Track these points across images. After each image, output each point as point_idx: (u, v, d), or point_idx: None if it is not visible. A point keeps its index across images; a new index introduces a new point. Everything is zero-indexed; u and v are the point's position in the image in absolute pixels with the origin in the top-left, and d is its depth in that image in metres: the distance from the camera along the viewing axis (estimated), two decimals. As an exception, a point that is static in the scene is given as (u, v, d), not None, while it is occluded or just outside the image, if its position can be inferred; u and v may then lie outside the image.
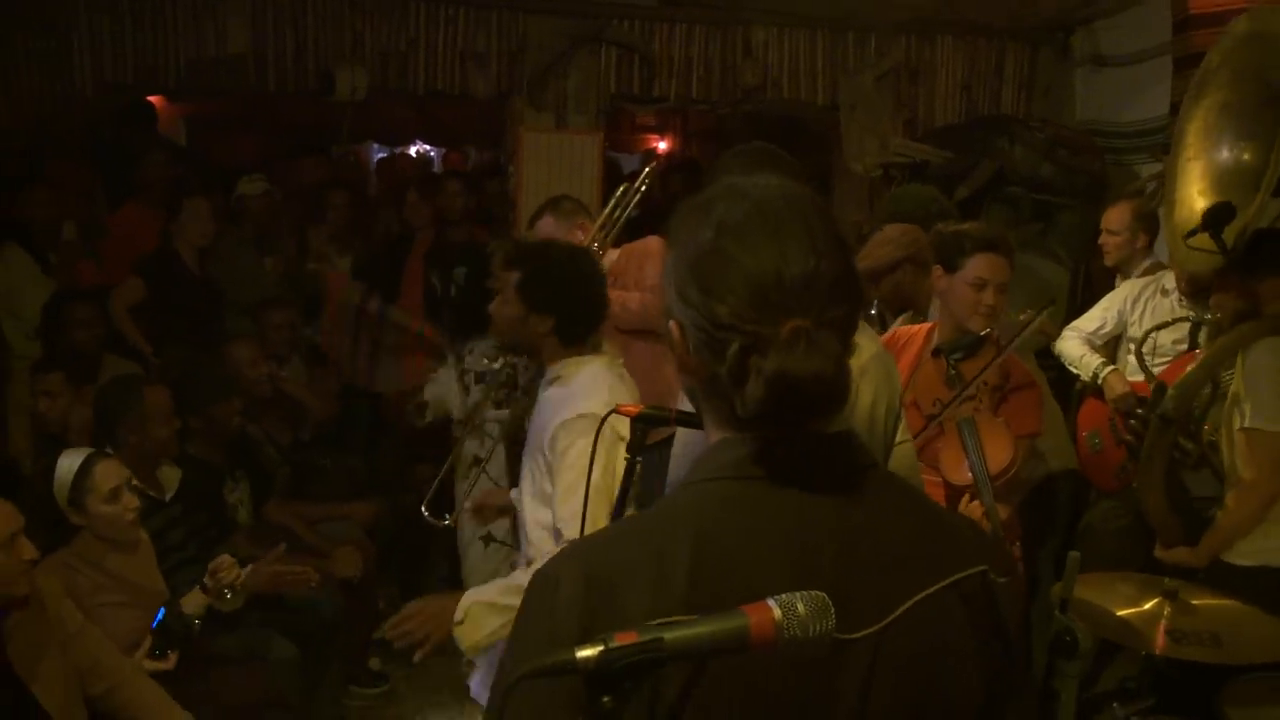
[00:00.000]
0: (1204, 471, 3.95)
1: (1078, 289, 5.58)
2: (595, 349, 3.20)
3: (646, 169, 4.72)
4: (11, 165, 5.81)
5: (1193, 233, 3.71)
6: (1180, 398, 3.70)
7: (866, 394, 2.50)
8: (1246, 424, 3.45)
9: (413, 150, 10.44)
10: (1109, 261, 4.99)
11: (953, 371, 3.43)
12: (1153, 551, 3.71)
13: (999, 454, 3.26)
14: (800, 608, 1.12)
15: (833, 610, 1.13)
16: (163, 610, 3.58)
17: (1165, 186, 4.23)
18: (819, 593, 1.13)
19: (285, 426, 5.37)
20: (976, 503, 3.22)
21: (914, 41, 6.31)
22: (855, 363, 2.48)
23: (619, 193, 4.65)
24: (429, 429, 5.49)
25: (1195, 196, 3.97)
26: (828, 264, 1.30)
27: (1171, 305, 4.56)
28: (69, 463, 3.41)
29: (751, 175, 2.16)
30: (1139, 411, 4.11)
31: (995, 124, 5.89)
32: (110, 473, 3.45)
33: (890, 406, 2.60)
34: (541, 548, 3.06)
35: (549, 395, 3.14)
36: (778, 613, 1.12)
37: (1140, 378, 4.44)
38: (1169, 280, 4.61)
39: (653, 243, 4.52)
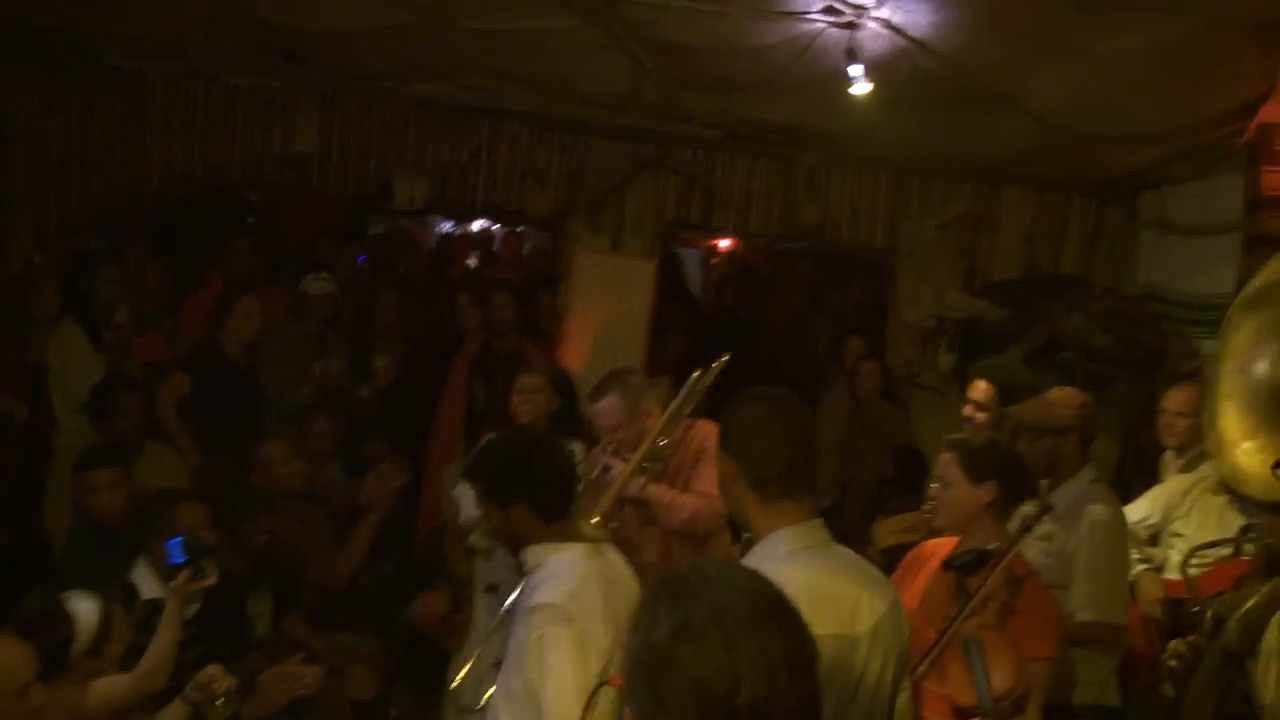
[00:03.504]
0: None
1: (1126, 464, 5.44)
2: (575, 532, 3.18)
3: (716, 364, 4.53)
4: (84, 244, 5.99)
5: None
6: (1245, 632, 3.55)
7: (876, 660, 2.46)
8: None
9: (475, 225, 10.50)
10: (1172, 443, 4.76)
11: (959, 586, 3.34)
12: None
13: (1002, 675, 3.12)
14: None
15: None
16: (176, 541, 3.77)
17: (1208, 392, 4.17)
18: None
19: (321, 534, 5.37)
20: None
21: (979, 190, 6.24)
22: (866, 625, 2.43)
23: (690, 382, 4.36)
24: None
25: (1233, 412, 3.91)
26: (781, 695, 1.30)
27: (1220, 507, 4.36)
28: (88, 612, 3.43)
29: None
30: (1190, 639, 3.97)
31: (1054, 288, 5.80)
32: (127, 628, 3.52)
33: (900, 660, 2.56)
34: None
35: (526, 586, 3.11)
36: None
37: (1175, 575, 4.29)
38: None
39: (710, 437, 4.40)
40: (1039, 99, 5.11)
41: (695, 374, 4.45)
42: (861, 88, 4.55)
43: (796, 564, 2.41)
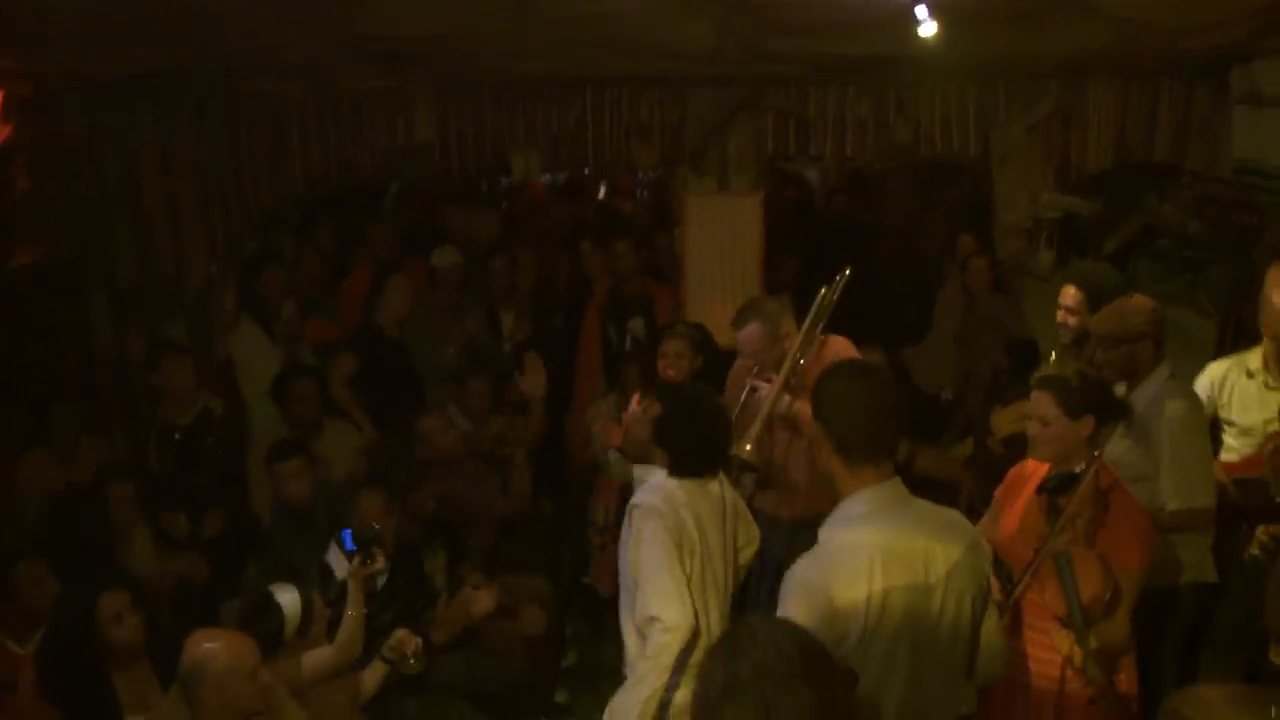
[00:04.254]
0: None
1: (1226, 343, 5.66)
2: None
3: (839, 279, 4.92)
4: (248, 249, 6.72)
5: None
6: None
7: (952, 601, 2.80)
8: None
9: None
10: (1270, 333, 4.80)
11: (1051, 506, 3.71)
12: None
13: (1088, 586, 3.49)
14: None
15: None
16: (347, 533, 4.50)
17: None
18: None
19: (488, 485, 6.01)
20: (1070, 632, 3.54)
21: (1065, 87, 6.35)
22: (939, 572, 2.77)
23: (818, 299, 4.86)
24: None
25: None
26: None
27: (1258, 388, 4.64)
28: (291, 602, 4.13)
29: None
30: (1273, 530, 4.27)
31: (1147, 176, 5.94)
32: (325, 608, 4.21)
33: (978, 596, 2.91)
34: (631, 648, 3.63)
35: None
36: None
37: (1235, 457, 4.62)
38: (1252, 360, 4.69)
39: (843, 351, 4.87)
40: (1111, 3, 5.24)
41: (822, 290, 4.89)
42: (928, 29, 4.79)
43: (870, 524, 2.78)
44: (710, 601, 3.65)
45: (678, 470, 3.71)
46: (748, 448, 4.51)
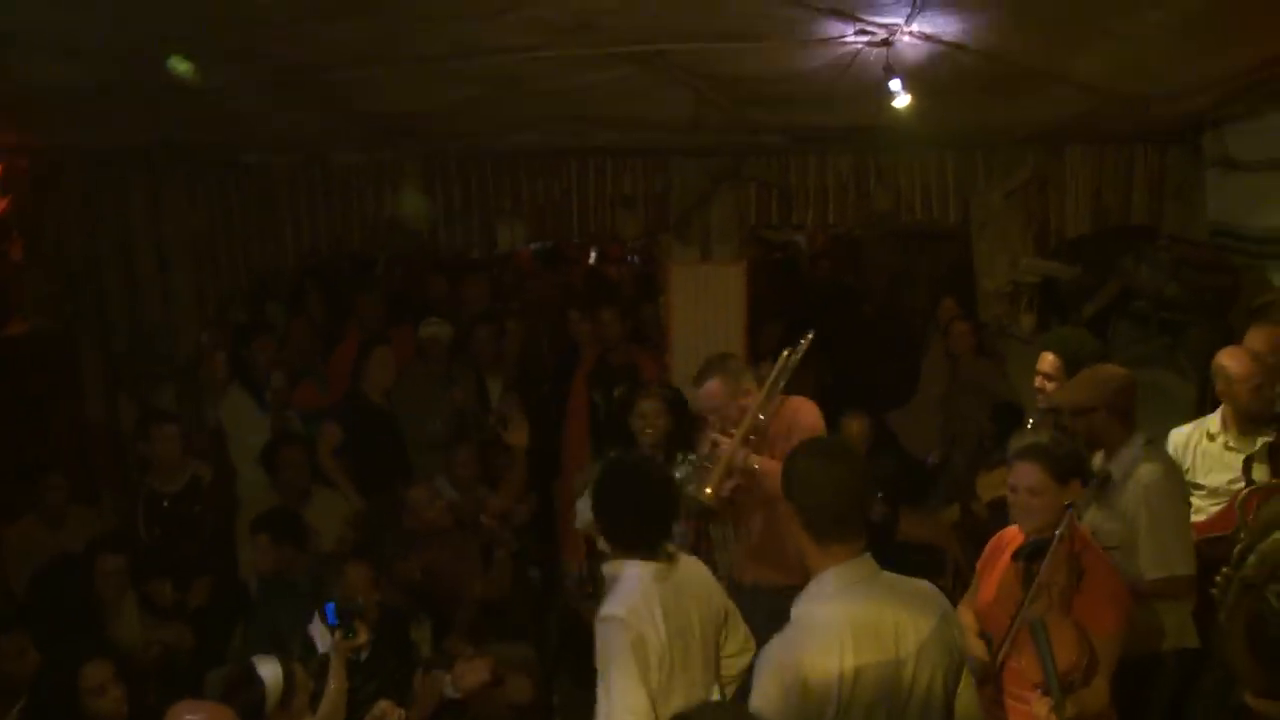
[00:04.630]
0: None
1: (1205, 404, 5.70)
2: (655, 553, 3.55)
3: (803, 342, 4.95)
4: (238, 318, 6.80)
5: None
6: (1262, 563, 3.88)
7: (924, 674, 2.80)
8: None
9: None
10: (1225, 397, 4.84)
11: (1027, 573, 3.72)
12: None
13: (1065, 653, 3.49)
14: None
15: None
16: (330, 606, 4.47)
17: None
18: None
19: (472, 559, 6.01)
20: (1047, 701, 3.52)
21: (1042, 153, 6.49)
22: (910, 646, 2.77)
23: (781, 360, 4.88)
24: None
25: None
26: None
27: (1220, 450, 4.68)
28: (273, 674, 4.13)
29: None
30: (1224, 570, 4.28)
31: (1124, 240, 6.04)
32: (308, 679, 4.20)
33: (951, 669, 2.90)
34: None
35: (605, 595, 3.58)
36: None
37: (1203, 517, 4.60)
38: (1213, 423, 4.73)
39: (799, 411, 4.88)
40: (1083, 73, 5.37)
41: (785, 352, 4.95)
42: (902, 101, 4.89)
43: (841, 600, 2.79)
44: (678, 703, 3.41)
45: (614, 542, 3.58)
46: (708, 491, 4.53)
